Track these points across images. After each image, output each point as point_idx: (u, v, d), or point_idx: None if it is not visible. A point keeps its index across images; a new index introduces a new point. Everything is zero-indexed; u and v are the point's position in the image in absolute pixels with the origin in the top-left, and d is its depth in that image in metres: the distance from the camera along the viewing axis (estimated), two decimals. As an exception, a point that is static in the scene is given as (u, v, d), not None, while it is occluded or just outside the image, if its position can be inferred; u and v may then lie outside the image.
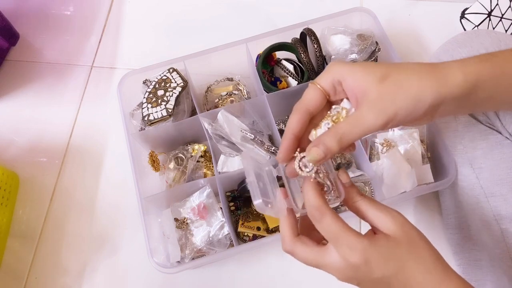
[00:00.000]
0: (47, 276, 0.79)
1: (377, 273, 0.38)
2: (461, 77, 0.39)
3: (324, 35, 0.81)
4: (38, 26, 1.06)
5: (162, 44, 1.01)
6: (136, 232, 0.80)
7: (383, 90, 0.39)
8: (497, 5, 0.90)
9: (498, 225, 0.60)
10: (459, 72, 0.40)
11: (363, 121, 0.39)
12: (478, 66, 0.40)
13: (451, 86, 0.39)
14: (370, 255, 0.38)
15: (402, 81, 0.39)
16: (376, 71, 0.40)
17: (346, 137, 0.39)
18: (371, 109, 0.39)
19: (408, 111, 0.39)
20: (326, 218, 0.39)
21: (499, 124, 0.61)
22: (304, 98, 0.42)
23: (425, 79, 0.39)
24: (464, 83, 0.39)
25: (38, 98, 0.97)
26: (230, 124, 0.76)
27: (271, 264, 0.77)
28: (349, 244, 0.38)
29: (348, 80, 0.40)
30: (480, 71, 0.40)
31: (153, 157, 0.81)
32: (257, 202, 0.41)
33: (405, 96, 0.39)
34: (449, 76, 0.39)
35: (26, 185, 0.87)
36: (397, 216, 0.40)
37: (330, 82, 0.41)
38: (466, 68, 0.40)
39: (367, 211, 0.41)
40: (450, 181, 0.67)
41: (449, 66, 0.40)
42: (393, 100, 0.38)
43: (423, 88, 0.39)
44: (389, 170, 0.71)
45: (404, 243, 0.39)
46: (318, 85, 0.42)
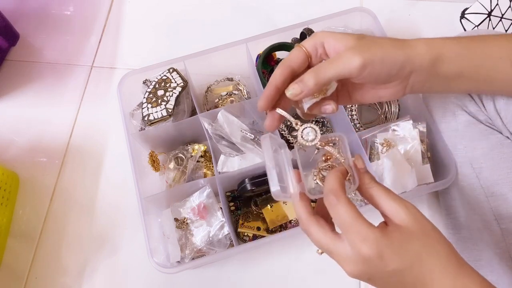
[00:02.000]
0: (47, 276, 0.79)
1: (390, 266, 0.37)
2: (425, 48, 0.46)
3: (324, 35, 0.81)
4: (38, 26, 1.06)
5: (162, 44, 1.01)
6: (136, 232, 0.80)
7: (361, 43, 0.44)
8: (497, 5, 0.90)
9: (498, 225, 0.60)
10: (424, 44, 0.46)
11: (340, 59, 0.43)
12: (442, 42, 0.47)
13: (417, 54, 0.45)
14: (383, 247, 0.37)
15: (377, 42, 0.45)
16: (354, 36, 0.45)
17: (322, 72, 0.43)
18: (348, 50, 0.43)
19: (383, 63, 0.44)
20: (340, 204, 0.38)
21: (500, 123, 0.61)
22: (289, 56, 0.46)
23: (396, 46, 0.45)
24: (428, 54, 0.46)
25: (38, 98, 0.97)
26: (230, 124, 0.76)
27: (271, 264, 0.77)
28: (361, 233, 0.37)
29: (330, 41, 0.45)
30: (443, 45, 0.47)
31: (153, 157, 0.81)
32: (274, 190, 0.40)
33: (381, 50, 0.44)
34: (415, 47, 0.46)
35: (26, 185, 0.87)
36: (411, 207, 0.39)
37: (313, 44, 0.46)
38: (431, 42, 0.47)
39: (381, 198, 0.40)
40: (450, 181, 0.67)
41: (416, 41, 0.46)
42: (369, 48, 0.43)
43: (395, 50, 0.45)
44: (389, 170, 0.71)
45: (419, 235, 0.38)
46: (302, 47, 0.46)
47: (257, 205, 0.78)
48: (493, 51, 0.48)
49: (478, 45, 0.48)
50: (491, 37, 0.50)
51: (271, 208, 0.76)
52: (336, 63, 0.43)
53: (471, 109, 0.65)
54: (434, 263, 0.37)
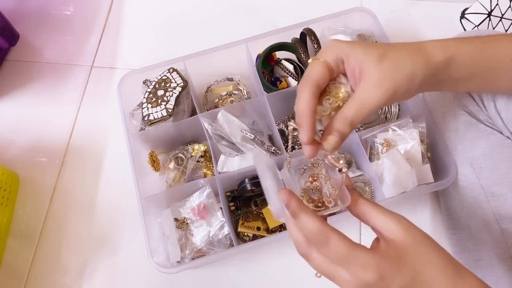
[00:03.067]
0: (47, 276, 0.79)
1: (393, 286, 0.37)
2: (440, 52, 0.45)
3: (324, 35, 0.81)
4: (38, 26, 1.06)
5: (162, 44, 1.01)
6: (136, 232, 0.80)
7: (383, 71, 0.42)
8: (497, 5, 0.90)
9: (498, 225, 0.60)
10: (439, 48, 0.45)
11: (369, 102, 0.42)
12: (456, 44, 0.46)
13: (433, 61, 0.44)
14: (383, 269, 0.36)
15: (398, 61, 0.43)
16: (375, 51, 0.43)
17: (356, 120, 0.42)
18: (374, 90, 0.42)
19: (405, 88, 0.43)
20: (333, 240, 0.37)
21: (501, 123, 0.61)
22: (311, 73, 0.42)
23: (415, 59, 0.44)
24: (443, 58, 0.45)
25: (38, 98, 0.97)
26: (230, 124, 0.76)
27: (271, 264, 0.77)
28: (361, 263, 0.36)
29: (350, 60, 0.42)
30: (457, 48, 0.46)
31: (153, 157, 0.81)
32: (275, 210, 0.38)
33: (402, 75, 0.43)
34: (431, 53, 0.45)
35: (26, 185, 0.87)
36: (402, 219, 0.39)
37: (335, 59, 0.43)
38: (445, 45, 0.46)
39: (371, 214, 0.40)
40: (450, 181, 0.67)
41: (432, 44, 0.45)
42: (393, 80, 0.42)
43: (415, 68, 0.43)
44: (389, 170, 0.71)
45: (413, 247, 0.38)
46: (324, 60, 0.42)
47: (257, 205, 0.78)
48: (505, 53, 0.48)
49: (490, 46, 0.48)
50: (503, 37, 0.49)
51: (271, 208, 0.76)
52: (367, 108, 0.42)
53: (471, 109, 0.65)
54: (432, 273, 0.37)
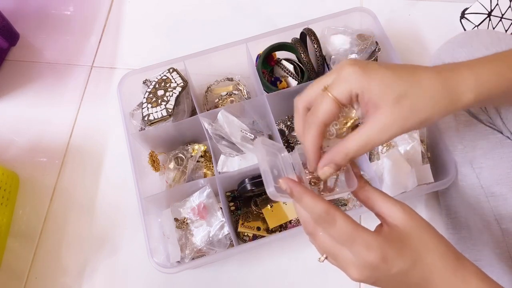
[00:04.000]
0: (47, 276, 0.79)
1: (395, 269, 0.37)
2: (472, 96, 0.40)
3: (324, 35, 0.81)
4: (38, 26, 1.06)
5: (162, 44, 1.01)
6: (136, 232, 0.80)
7: (396, 115, 0.39)
8: (497, 5, 0.90)
9: (498, 225, 0.60)
10: (472, 89, 0.40)
11: (373, 142, 0.40)
12: (490, 79, 0.40)
13: (459, 105, 0.40)
14: (386, 251, 0.37)
15: (416, 107, 0.39)
16: (394, 90, 0.39)
17: (356, 155, 0.41)
18: (381, 133, 0.39)
19: (414, 128, 0.41)
20: (338, 220, 0.37)
21: (501, 123, 0.61)
22: (320, 111, 0.40)
23: (438, 103, 0.39)
24: (474, 100, 0.40)
25: (38, 98, 0.97)
26: (230, 124, 0.76)
27: (271, 264, 0.77)
28: (365, 243, 0.37)
29: (365, 96, 0.39)
30: (491, 85, 0.40)
31: (153, 157, 0.81)
32: (270, 190, 0.40)
33: (415, 120, 0.39)
34: (460, 96, 0.40)
35: (26, 185, 0.87)
36: (406, 206, 0.40)
37: (348, 95, 0.40)
38: (479, 82, 0.40)
39: (376, 200, 0.41)
40: (450, 181, 0.67)
41: (463, 80, 0.40)
42: (403, 125, 0.39)
43: (434, 113, 0.40)
44: (389, 170, 0.71)
45: (415, 233, 0.39)
46: (334, 97, 0.40)
47: (257, 205, 0.78)
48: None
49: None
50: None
51: (271, 208, 0.76)
52: (369, 146, 0.40)
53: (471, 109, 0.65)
54: (433, 258, 0.38)
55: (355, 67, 0.39)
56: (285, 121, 0.85)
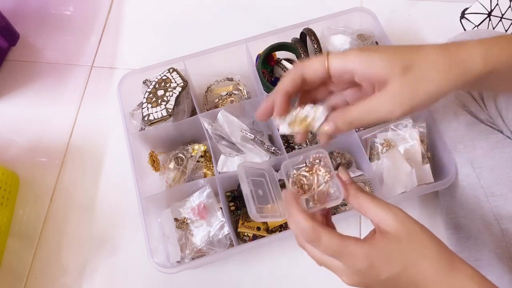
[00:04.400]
0: (47, 276, 0.79)
1: (384, 274, 0.38)
2: (481, 66, 0.39)
3: (324, 35, 0.81)
4: (38, 26, 1.06)
5: (162, 44, 1.01)
6: (136, 232, 0.80)
7: (405, 86, 0.38)
8: (497, 5, 0.90)
9: (498, 225, 0.60)
10: (480, 60, 0.39)
11: (380, 112, 0.39)
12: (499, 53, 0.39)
13: (471, 77, 0.39)
14: (373, 258, 0.38)
15: (424, 77, 0.38)
16: (399, 60, 0.38)
17: (357, 122, 0.40)
18: (390, 101, 0.39)
19: (424, 106, 0.40)
20: (324, 236, 0.39)
21: (501, 122, 0.61)
22: (306, 64, 0.41)
23: (448, 75, 0.38)
24: (482, 70, 0.39)
25: (38, 98, 0.97)
26: (230, 124, 0.76)
27: (271, 264, 0.77)
28: (351, 254, 0.39)
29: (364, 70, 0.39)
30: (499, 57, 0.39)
31: (153, 157, 0.81)
32: (253, 213, 0.42)
33: (425, 93, 0.39)
34: (469, 65, 0.39)
35: (26, 185, 0.87)
36: (398, 212, 0.40)
37: (341, 68, 0.40)
38: (487, 54, 0.39)
39: (368, 207, 0.41)
40: (450, 181, 0.67)
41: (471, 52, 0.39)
42: (413, 97, 0.38)
43: (444, 86, 0.39)
44: (389, 170, 0.71)
45: (405, 238, 0.39)
46: (327, 63, 0.40)
47: (257, 205, 0.78)
48: None
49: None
50: None
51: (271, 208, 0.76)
52: (374, 115, 0.39)
53: (471, 109, 0.65)
54: (425, 263, 0.38)
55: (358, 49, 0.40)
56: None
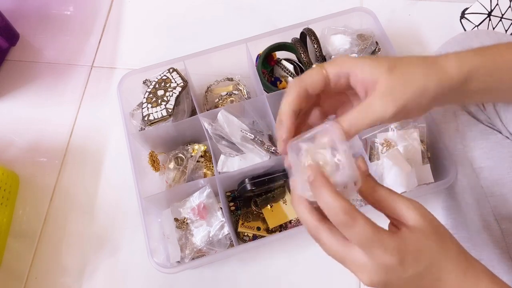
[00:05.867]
0: (47, 276, 0.79)
1: (409, 271, 0.36)
2: (456, 69, 0.42)
3: (324, 35, 0.81)
4: (38, 26, 1.06)
5: (162, 44, 1.01)
6: (136, 232, 0.80)
7: (392, 82, 0.40)
8: (497, 5, 0.90)
9: (498, 225, 0.60)
10: (455, 64, 0.42)
11: (373, 112, 0.40)
12: (472, 58, 0.43)
13: (449, 78, 0.41)
14: (404, 253, 0.36)
15: (409, 73, 0.41)
16: (384, 63, 0.41)
17: (355, 127, 0.40)
18: (381, 100, 0.40)
19: (416, 103, 0.40)
20: (359, 222, 0.35)
21: (500, 123, 0.61)
22: (305, 77, 0.42)
23: (428, 72, 0.41)
24: (459, 74, 0.42)
25: (38, 98, 0.97)
26: (230, 124, 0.76)
27: (271, 264, 0.77)
28: (384, 246, 0.35)
29: (357, 72, 0.41)
30: (473, 62, 0.43)
31: (153, 157, 0.81)
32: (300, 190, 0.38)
33: (413, 88, 0.40)
34: (447, 68, 0.42)
35: (26, 185, 0.87)
36: (420, 207, 0.39)
37: (337, 72, 0.42)
38: (461, 60, 0.42)
39: (389, 201, 0.39)
40: (450, 181, 0.67)
41: (446, 59, 0.42)
42: (403, 92, 0.40)
43: (427, 81, 0.41)
44: (389, 170, 0.71)
45: (432, 235, 0.37)
46: (324, 70, 0.42)
47: (257, 205, 0.78)
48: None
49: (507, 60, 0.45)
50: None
51: (271, 208, 0.76)
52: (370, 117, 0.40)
53: (471, 109, 0.65)
54: (446, 261, 0.38)
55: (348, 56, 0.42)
56: (285, 121, 0.85)
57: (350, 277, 0.72)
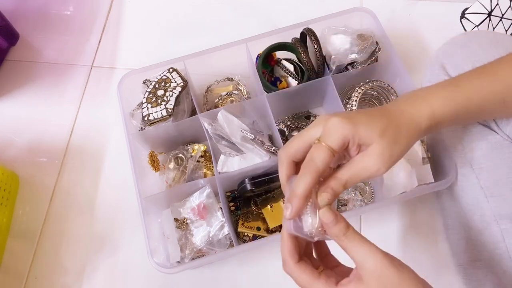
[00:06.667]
0: (47, 276, 0.79)
1: None
2: (428, 123, 0.48)
3: (324, 35, 0.81)
4: (38, 26, 1.06)
5: (162, 44, 1.01)
6: (136, 232, 0.80)
7: (384, 145, 0.45)
8: (497, 5, 0.90)
9: (498, 225, 0.60)
10: (428, 120, 0.48)
11: (366, 170, 0.45)
12: (445, 108, 0.49)
13: (422, 132, 0.49)
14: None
15: (396, 137, 0.46)
16: (377, 127, 0.45)
17: (350, 183, 0.44)
18: (376, 162, 0.45)
19: (399, 158, 0.47)
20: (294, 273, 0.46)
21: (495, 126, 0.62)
22: (319, 159, 0.43)
23: (410, 131, 0.48)
24: (430, 127, 0.49)
25: (38, 98, 0.97)
26: (230, 124, 0.76)
27: (271, 264, 0.77)
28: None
29: (355, 140, 0.44)
30: (445, 113, 0.49)
31: (153, 157, 0.81)
32: None
33: (398, 152, 0.46)
34: (420, 125, 0.48)
35: (26, 185, 0.87)
36: (376, 258, 0.40)
37: (342, 142, 0.44)
38: (432, 115, 0.49)
39: (349, 250, 0.42)
40: (450, 181, 0.67)
41: (420, 114, 0.48)
42: (391, 155, 0.45)
43: (409, 143, 0.48)
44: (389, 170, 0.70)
45: None
46: (329, 146, 0.43)
47: (257, 205, 0.78)
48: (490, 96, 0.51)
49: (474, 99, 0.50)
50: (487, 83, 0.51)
51: (271, 208, 0.76)
52: (364, 175, 0.45)
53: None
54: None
55: (339, 118, 0.44)
56: (285, 121, 0.85)
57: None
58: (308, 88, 0.79)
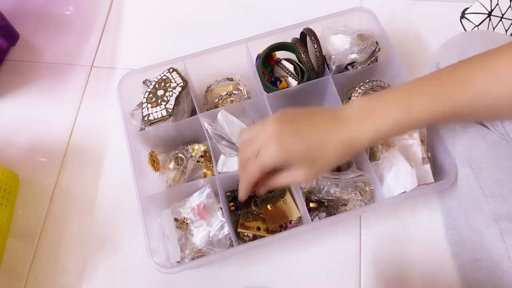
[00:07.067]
0: (47, 276, 0.79)
1: None
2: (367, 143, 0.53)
3: (324, 35, 0.81)
4: (38, 26, 1.06)
5: (162, 44, 1.01)
6: (136, 232, 0.80)
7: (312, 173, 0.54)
8: (497, 5, 0.90)
9: (497, 225, 0.61)
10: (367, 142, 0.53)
11: (297, 181, 0.56)
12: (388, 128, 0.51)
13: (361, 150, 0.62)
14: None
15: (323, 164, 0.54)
16: (307, 160, 0.53)
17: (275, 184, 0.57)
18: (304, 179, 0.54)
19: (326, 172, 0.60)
20: None
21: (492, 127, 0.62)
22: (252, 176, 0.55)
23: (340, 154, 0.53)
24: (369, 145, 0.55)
25: (38, 98, 0.97)
26: (230, 124, 0.76)
27: (271, 264, 0.77)
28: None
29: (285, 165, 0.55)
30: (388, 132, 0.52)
31: (153, 157, 0.81)
32: None
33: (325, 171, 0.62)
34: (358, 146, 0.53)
35: (26, 185, 0.87)
36: None
37: (272, 166, 0.54)
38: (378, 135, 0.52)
39: None
40: (450, 181, 0.67)
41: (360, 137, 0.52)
42: (316, 176, 0.60)
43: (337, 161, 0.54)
44: (389, 170, 0.71)
45: None
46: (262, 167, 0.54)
47: (257, 205, 0.78)
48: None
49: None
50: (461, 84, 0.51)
51: (271, 208, 0.77)
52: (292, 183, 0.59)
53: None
54: None
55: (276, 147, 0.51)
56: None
57: (350, 277, 0.72)
58: (308, 88, 0.79)
